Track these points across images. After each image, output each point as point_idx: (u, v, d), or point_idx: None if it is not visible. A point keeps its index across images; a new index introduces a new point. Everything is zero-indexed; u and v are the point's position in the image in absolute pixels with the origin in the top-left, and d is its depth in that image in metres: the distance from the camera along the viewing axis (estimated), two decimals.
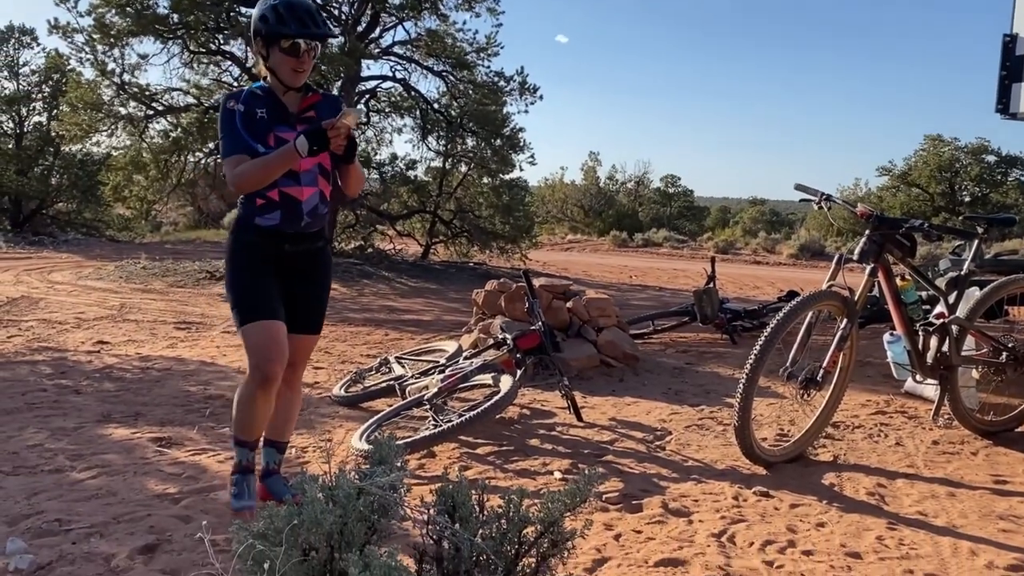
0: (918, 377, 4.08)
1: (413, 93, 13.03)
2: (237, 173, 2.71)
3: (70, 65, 16.20)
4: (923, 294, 4.43)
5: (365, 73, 12.60)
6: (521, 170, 14.81)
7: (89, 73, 12.32)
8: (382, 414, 4.05)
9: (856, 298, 3.74)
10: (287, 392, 2.97)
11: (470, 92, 12.89)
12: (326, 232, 3.04)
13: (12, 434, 3.85)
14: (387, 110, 13.42)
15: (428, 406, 4.01)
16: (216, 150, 12.27)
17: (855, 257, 3.80)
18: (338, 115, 2.65)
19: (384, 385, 4.66)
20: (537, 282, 5.60)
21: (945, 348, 3.96)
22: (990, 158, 26.21)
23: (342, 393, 4.73)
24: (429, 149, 13.67)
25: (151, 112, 12.27)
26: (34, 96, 19.31)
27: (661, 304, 9.40)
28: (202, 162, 13.14)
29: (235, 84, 12.27)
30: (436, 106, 13.16)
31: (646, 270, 15.30)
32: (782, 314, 3.56)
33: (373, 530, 1.72)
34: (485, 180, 13.70)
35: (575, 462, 3.65)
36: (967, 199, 26.36)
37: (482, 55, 12.86)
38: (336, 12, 12.07)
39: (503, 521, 1.80)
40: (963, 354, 4.08)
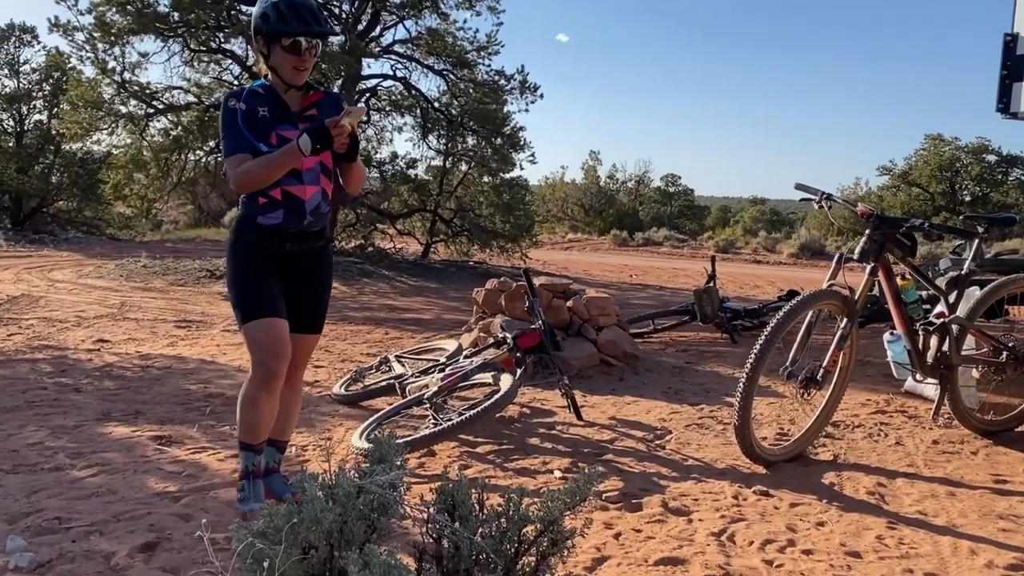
0: (918, 376, 4.08)
1: (413, 92, 13.02)
2: (240, 172, 2.69)
3: (71, 63, 16.18)
4: (923, 293, 4.43)
5: (365, 72, 12.62)
6: (521, 169, 14.84)
7: (90, 71, 12.34)
8: (382, 413, 4.05)
9: (856, 297, 3.74)
10: (288, 392, 2.97)
11: (471, 91, 12.88)
12: (328, 231, 3.03)
13: (12, 432, 3.86)
14: (387, 109, 13.41)
15: (428, 405, 4.01)
16: (217, 149, 12.27)
17: (855, 256, 3.80)
18: (341, 113, 2.64)
19: (384, 384, 4.66)
20: (537, 281, 5.60)
21: (945, 347, 3.96)
22: (990, 158, 26.20)
23: (342, 392, 4.74)
24: (429, 148, 13.68)
25: (152, 110, 12.28)
26: (35, 94, 19.31)
27: (661, 303, 9.40)
28: (203, 160, 13.14)
29: (235, 82, 12.27)
30: (436, 105, 13.15)
31: (646, 269, 15.30)
32: (782, 313, 3.56)
33: (373, 528, 1.73)
34: (485, 179, 13.69)
35: (575, 461, 3.65)
36: (967, 199, 26.34)
37: (483, 54, 12.86)
38: (337, 10, 12.07)
39: (503, 520, 1.80)
40: (963, 353, 4.08)
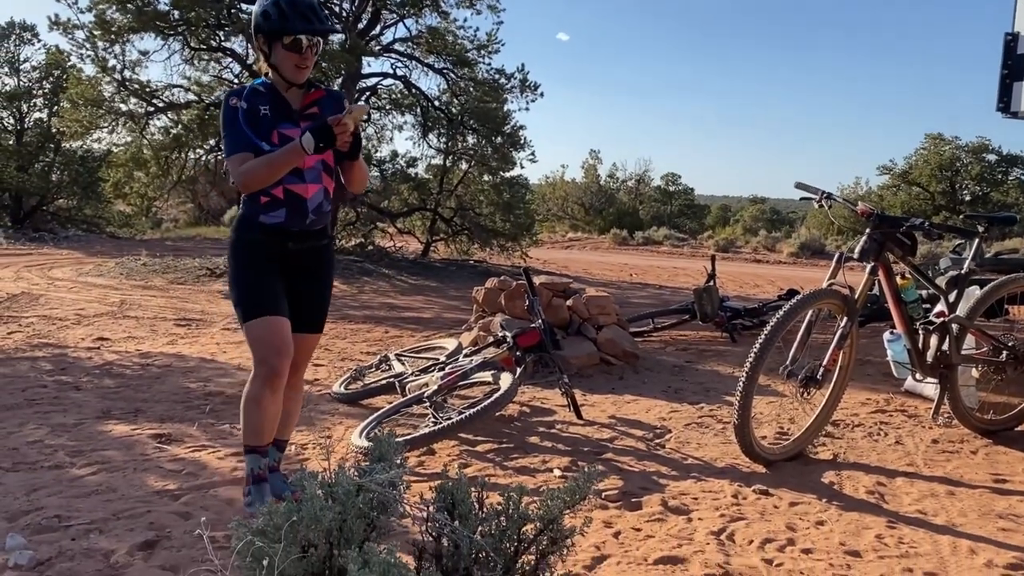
0: (918, 376, 4.09)
1: (414, 90, 13.01)
2: (242, 171, 2.67)
3: (71, 61, 16.20)
4: (923, 293, 4.43)
5: (366, 70, 12.61)
6: (522, 168, 14.81)
7: (90, 69, 12.33)
8: (382, 411, 4.05)
9: (856, 296, 3.74)
10: (289, 391, 2.96)
11: (471, 89, 12.88)
12: (329, 230, 3.02)
13: (12, 430, 3.86)
14: (388, 107, 13.40)
15: (428, 403, 4.01)
16: (217, 147, 12.27)
17: (855, 255, 3.80)
18: (344, 111, 2.62)
19: (384, 382, 4.66)
20: (537, 280, 5.60)
21: (945, 347, 3.96)
22: (991, 157, 26.19)
23: (342, 390, 4.74)
24: (430, 146, 13.68)
25: (152, 109, 12.27)
26: (35, 92, 19.30)
27: (661, 302, 9.40)
28: (203, 159, 13.14)
29: (236, 81, 12.26)
30: (437, 103, 13.14)
31: (646, 268, 15.29)
32: (782, 312, 3.56)
33: (372, 527, 1.73)
34: (486, 178, 13.69)
35: (575, 460, 3.65)
36: (968, 198, 26.33)
37: (483, 52, 12.85)
38: (337, 9, 12.06)
39: (502, 518, 1.81)
40: (963, 353, 4.08)
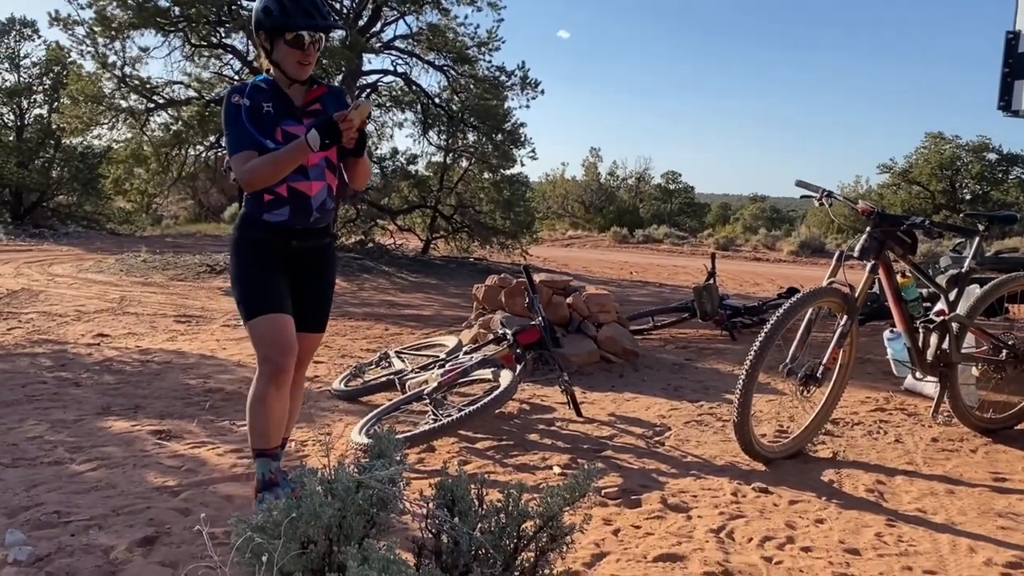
0: (918, 374, 4.09)
1: (414, 87, 13.01)
2: (246, 170, 2.63)
3: (71, 57, 16.22)
4: (924, 291, 4.43)
5: (366, 67, 12.61)
6: (522, 165, 14.86)
7: (90, 66, 12.34)
8: (381, 408, 4.05)
9: (856, 295, 3.74)
10: (291, 389, 2.94)
11: (471, 87, 12.87)
12: (332, 228, 3.00)
13: (12, 426, 3.86)
14: (388, 104, 13.39)
15: (428, 401, 4.01)
16: (217, 144, 12.27)
17: (856, 254, 3.80)
18: (349, 107, 2.58)
19: (384, 379, 4.67)
20: (537, 278, 5.60)
21: (945, 345, 3.96)
22: (991, 156, 26.20)
23: (342, 387, 4.74)
24: (430, 144, 13.68)
25: (152, 105, 12.27)
26: (35, 88, 19.31)
27: (661, 300, 9.40)
28: (203, 155, 13.14)
29: (236, 77, 12.25)
30: (437, 101, 13.14)
31: (646, 266, 15.29)
32: (782, 310, 3.56)
33: (372, 523, 1.73)
34: (486, 175, 13.69)
35: (574, 457, 3.65)
36: (968, 197, 26.34)
37: (483, 50, 12.85)
38: (338, 5, 12.05)
39: (502, 515, 1.81)
40: (963, 351, 4.07)
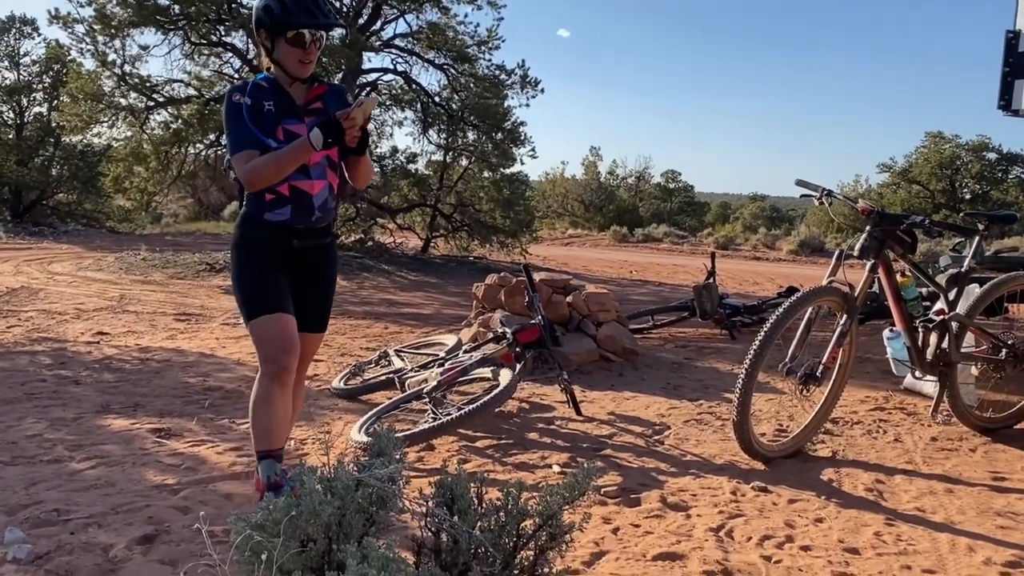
0: (917, 373, 4.08)
1: (414, 86, 13.00)
2: (249, 169, 2.60)
3: (71, 56, 16.18)
4: (923, 291, 4.43)
5: (366, 66, 12.60)
6: (522, 164, 14.84)
7: (90, 64, 12.33)
8: (381, 407, 4.05)
9: (856, 294, 3.74)
10: (293, 388, 2.94)
11: (471, 85, 12.87)
12: (333, 227, 2.97)
13: (11, 424, 3.86)
14: (388, 103, 13.39)
15: (427, 399, 4.01)
16: (217, 142, 12.26)
17: (855, 253, 3.80)
18: (353, 104, 2.55)
19: (383, 378, 4.67)
20: (537, 276, 5.60)
21: (945, 345, 3.96)
22: (991, 155, 26.20)
23: (341, 386, 4.74)
24: (430, 142, 13.67)
25: (152, 103, 12.26)
26: (35, 86, 19.31)
27: (661, 299, 9.40)
28: (203, 154, 13.13)
29: (236, 76, 12.25)
30: (437, 99, 13.13)
31: (646, 265, 15.29)
32: (782, 310, 3.56)
33: (371, 522, 1.73)
34: (486, 174, 13.68)
35: (574, 456, 3.65)
36: (968, 196, 26.34)
37: (483, 48, 12.84)
38: (338, 4, 12.04)
39: (501, 514, 1.81)
40: (962, 351, 4.08)
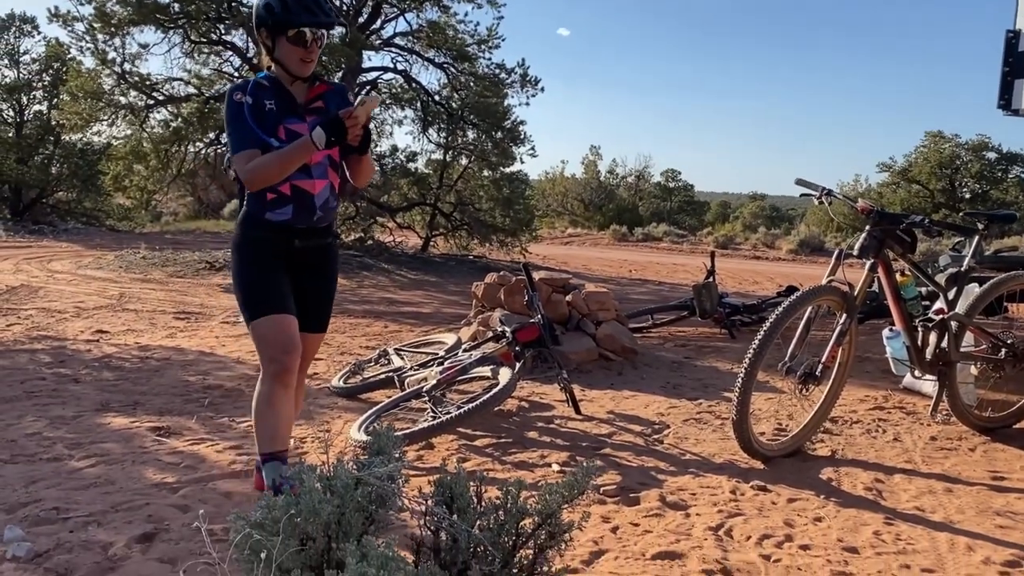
0: (917, 373, 4.08)
1: (414, 85, 13.00)
2: (250, 169, 2.59)
3: (71, 54, 16.22)
4: (923, 290, 4.43)
5: (366, 64, 12.60)
6: (522, 163, 14.89)
7: (89, 62, 12.33)
8: (381, 405, 4.05)
9: (855, 293, 3.74)
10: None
11: (471, 84, 12.87)
12: (335, 227, 2.96)
13: (11, 422, 3.86)
14: (388, 102, 13.39)
15: (427, 398, 4.01)
16: (216, 140, 12.26)
17: (855, 252, 3.80)
18: (356, 103, 2.54)
19: (383, 377, 4.66)
20: (536, 275, 5.60)
21: (944, 344, 3.96)
22: (991, 155, 26.21)
23: (341, 384, 4.74)
24: (430, 141, 13.67)
25: (152, 101, 12.26)
26: (35, 84, 19.31)
27: (660, 298, 9.40)
28: (202, 152, 13.13)
29: (236, 74, 12.25)
30: (437, 98, 13.13)
31: (646, 264, 15.29)
32: (781, 309, 3.56)
33: (371, 520, 1.73)
34: (485, 173, 13.68)
35: (573, 455, 3.65)
36: (967, 196, 26.35)
37: (483, 47, 12.84)
38: (338, 2, 12.03)
39: (501, 512, 1.81)
40: (962, 350, 4.08)
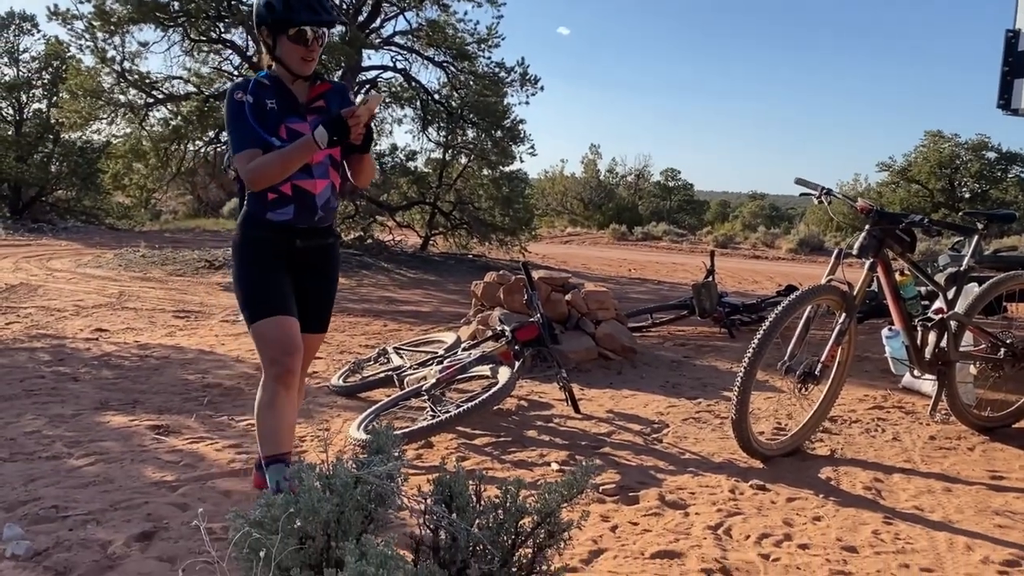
0: (916, 372, 4.09)
1: (414, 83, 13.00)
2: (252, 169, 2.57)
3: (70, 52, 16.20)
4: (922, 289, 4.43)
5: (365, 63, 12.58)
6: (521, 162, 14.90)
7: (89, 60, 12.33)
8: (380, 404, 4.05)
9: (855, 293, 3.74)
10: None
11: (471, 83, 12.86)
12: (335, 227, 2.94)
13: (10, 420, 3.86)
14: (387, 100, 13.38)
15: (426, 397, 4.01)
16: (216, 139, 12.26)
17: (854, 252, 3.80)
18: (359, 102, 2.53)
19: (382, 375, 4.66)
20: (536, 274, 5.60)
21: (943, 344, 3.96)
22: (990, 154, 26.22)
23: (340, 383, 4.74)
24: (429, 140, 13.66)
25: (151, 100, 12.25)
26: (34, 83, 19.30)
27: (660, 297, 9.41)
28: (202, 151, 13.13)
29: (236, 73, 12.24)
30: (436, 97, 13.12)
31: (645, 264, 15.29)
32: (781, 308, 3.56)
33: (370, 519, 1.73)
34: (485, 172, 13.67)
35: (572, 454, 3.65)
36: (967, 195, 26.36)
37: (483, 46, 12.83)
38: (338, 1, 12.02)
39: (500, 511, 1.81)
40: (961, 350, 4.08)
